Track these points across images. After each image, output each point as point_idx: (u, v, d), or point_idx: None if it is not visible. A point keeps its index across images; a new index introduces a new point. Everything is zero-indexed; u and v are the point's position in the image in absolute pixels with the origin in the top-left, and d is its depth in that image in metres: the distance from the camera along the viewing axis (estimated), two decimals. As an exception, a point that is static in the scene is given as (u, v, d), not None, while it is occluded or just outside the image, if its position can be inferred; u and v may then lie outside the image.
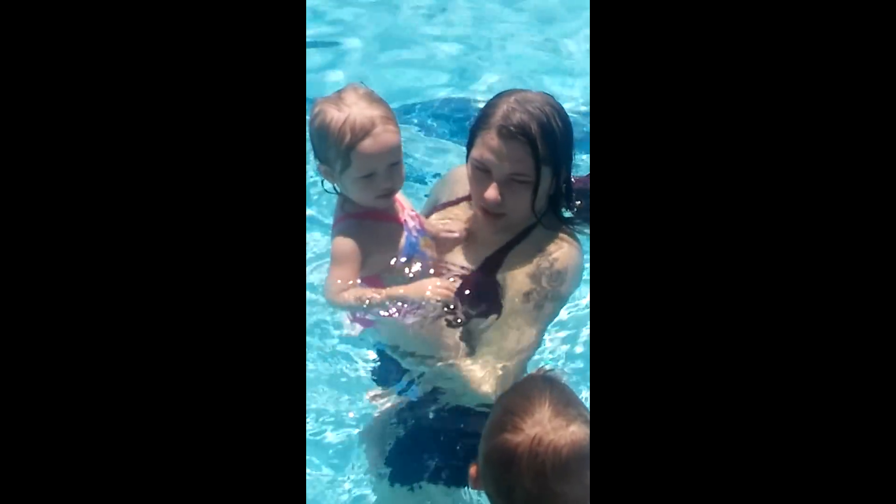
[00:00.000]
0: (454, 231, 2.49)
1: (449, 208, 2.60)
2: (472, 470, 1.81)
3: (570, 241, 2.44)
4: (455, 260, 2.48)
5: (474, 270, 2.45)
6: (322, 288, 2.31)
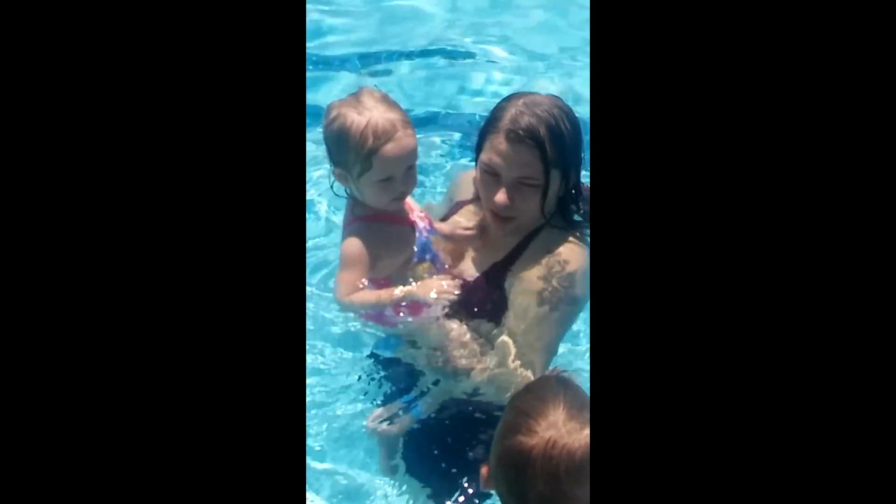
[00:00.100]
0: (468, 229, 2.50)
1: (457, 212, 2.61)
2: (484, 471, 1.81)
3: (579, 244, 2.44)
4: (466, 262, 2.49)
5: (485, 272, 2.45)
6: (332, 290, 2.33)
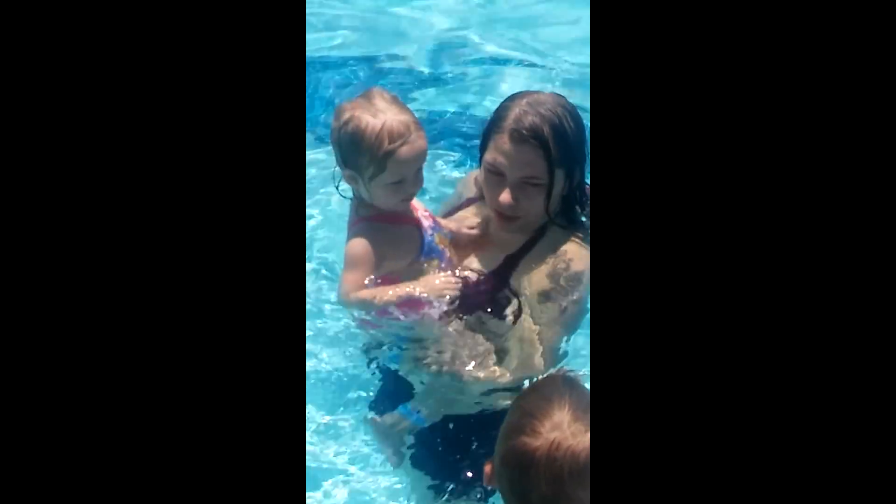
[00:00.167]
0: (473, 227, 2.50)
1: (460, 212, 2.61)
2: (487, 468, 1.80)
3: (584, 244, 2.43)
4: (471, 262, 2.49)
5: (491, 272, 2.45)
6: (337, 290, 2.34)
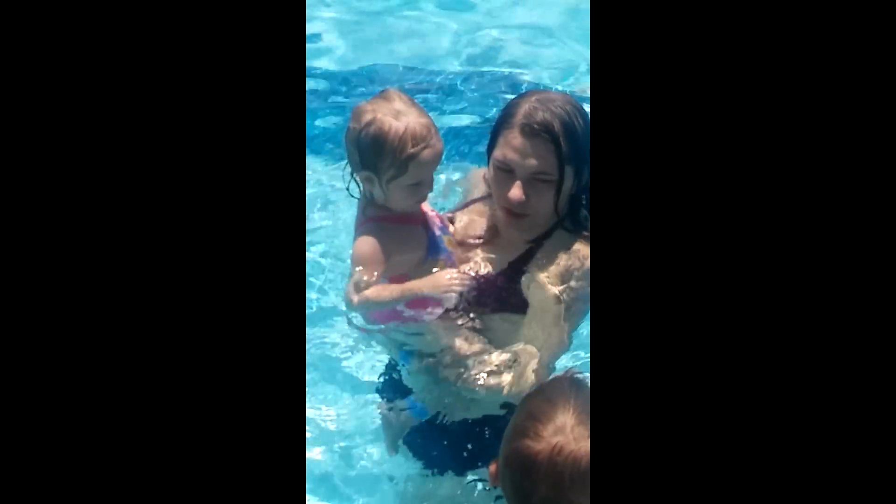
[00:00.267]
0: (480, 237, 2.50)
1: (465, 210, 2.61)
2: (492, 468, 1.81)
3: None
4: (479, 261, 2.48)
5: (500, 271, 2.45)
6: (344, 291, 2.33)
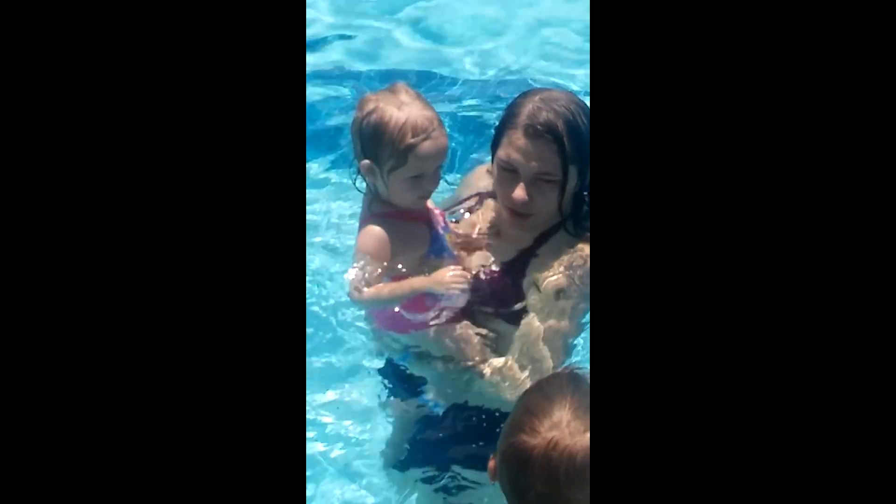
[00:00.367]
0: (483, 235, 2.51)
1: (468, 208, 2.61)
2: (491, 463, 1.82)
3: None
4: (483, 259, 2.49)
5: (503, 270, 2.46)
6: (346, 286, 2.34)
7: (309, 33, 4.68)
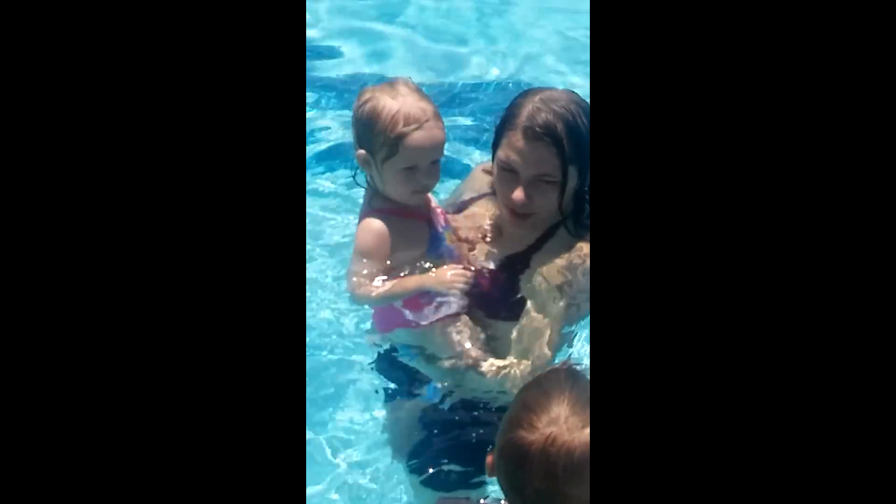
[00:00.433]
0: (485, 234, 2.51)
1: (470, 207, 2.62)
2: (489, 459, 1.81)
3: None
4: (483, 258, 2.49)
5: (503, 268, 2.46)
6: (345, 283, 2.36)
7: (309, 35, 4.70)
